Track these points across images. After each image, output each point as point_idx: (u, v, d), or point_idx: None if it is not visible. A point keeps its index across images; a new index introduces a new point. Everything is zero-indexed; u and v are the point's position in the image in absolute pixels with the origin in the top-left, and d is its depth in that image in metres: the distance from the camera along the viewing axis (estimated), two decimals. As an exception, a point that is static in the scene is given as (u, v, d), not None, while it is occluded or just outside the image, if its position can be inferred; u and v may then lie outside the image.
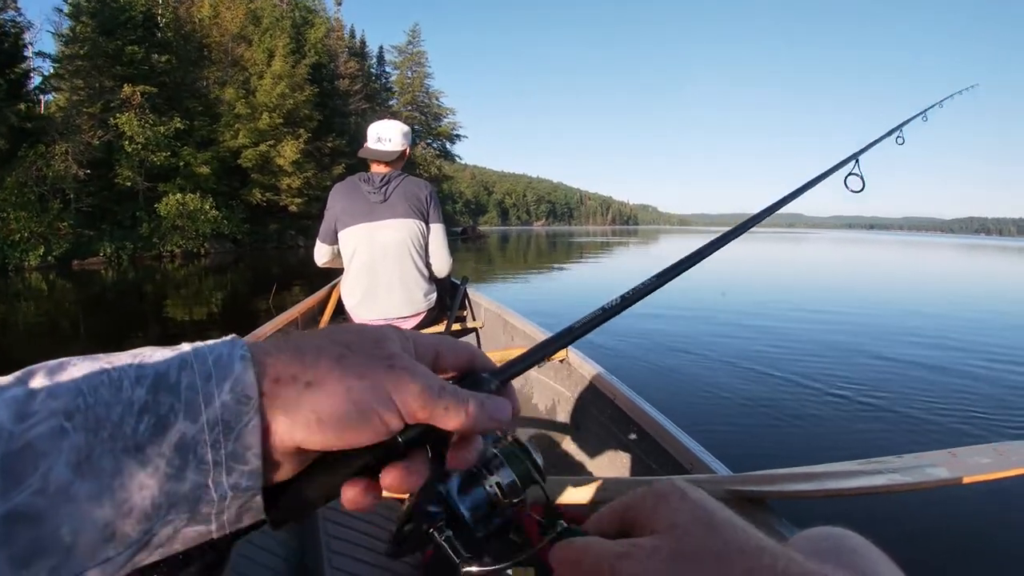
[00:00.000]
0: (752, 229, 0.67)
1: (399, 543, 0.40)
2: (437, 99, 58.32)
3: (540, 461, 0.41)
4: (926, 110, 1.32)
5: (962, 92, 1.60)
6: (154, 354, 0.30)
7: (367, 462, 0.33)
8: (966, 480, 1.14)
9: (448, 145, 58.72)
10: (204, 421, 0.28)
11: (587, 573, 0.32)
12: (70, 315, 10.55)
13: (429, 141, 56.48)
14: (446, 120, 58.37)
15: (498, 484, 0.40)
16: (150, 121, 26.07)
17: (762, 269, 21.64)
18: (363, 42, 54.35)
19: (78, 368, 0.28)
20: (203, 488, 0.28)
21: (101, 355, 0.30)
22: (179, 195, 25.73)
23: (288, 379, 0.30)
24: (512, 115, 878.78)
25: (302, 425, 0.30)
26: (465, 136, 60.83)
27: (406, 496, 0.38)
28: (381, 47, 58.15)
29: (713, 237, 0.58)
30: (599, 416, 2.13)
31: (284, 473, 0.32)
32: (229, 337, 0.32)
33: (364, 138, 2.85)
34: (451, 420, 0.33)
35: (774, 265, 24.81)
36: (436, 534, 0.39)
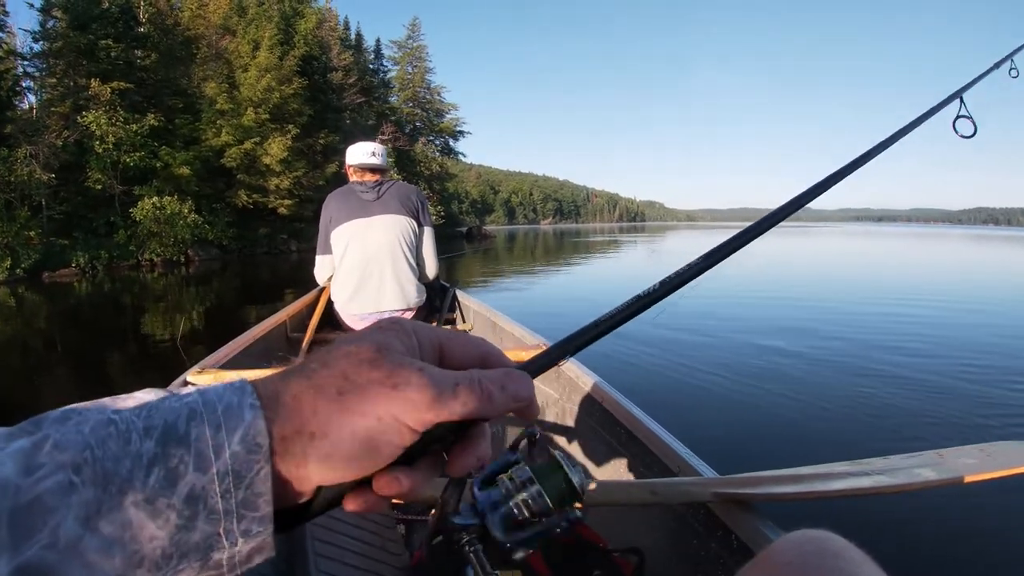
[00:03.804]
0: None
1: (430, 557, 0.41)
2: (439, 95, 56.92)
3: (578, 479, 0.41)
4: None
5: None
6: (161, 402, 0.30)
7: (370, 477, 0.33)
8: (952, 481, 1.13)
9: (451, 142, 57.30)
10: (215, 472, 0.28)
11: None
12: (42, 333, 9.94)
13: (431, 138, 55.02)
14: (448, 116, 56.92)
15: (525, 503, 0.40)
16: (121, 119, 24.28)
17: (753, 267, 21.86)
18: (359, 35, 52.55)
19: (84, 418, 0.28)
20: (214, 537, 0.28)
21: (107, 400, 0.30)
22: (155, 198, 23.84)
23: (293, 435, 0.30)
24: (517, 114, 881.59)
25: (316, 472, 0.31)
26: (469, 132, 59.54)
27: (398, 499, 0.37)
28: (378, 40, 56.71)
29: (735, 226, 0.61)
30: (587, 419, 2.13)
31: (296, 502, 0.33)
32: (238, 382, 0.32)
33: (344, 164, 3.05)
34: (471, 412, 0.33)
35: (764, 263, 24.72)
36: (467, 547, 0.39)
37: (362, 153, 2.91)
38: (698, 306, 9.48)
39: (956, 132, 0.95)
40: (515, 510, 0.39)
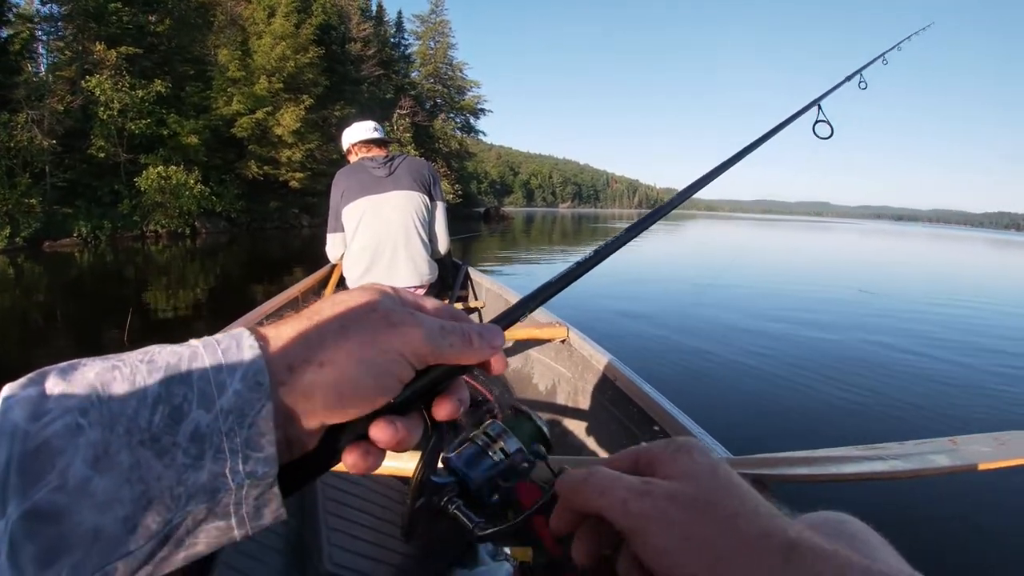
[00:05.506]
0: (780, 216, 0.57)
1: (413, 521, 0.41)
2: (461, 71, 55.57)
3: (544, 425, 0.43)
4: (884, 53, 1.35)
5: (918, 32, 1.61)
6: (163, 350, 0.31)
7: (367, 427, 0.34)
8: (966, 468, 1.13)
9: (472, 120, 56.08)
10: (218, 409, 0.29)
11: (595, 496, 0.33)
12: (42, 304, 9.88)
13: (451, 115, 53.90)
14: (470, 93, 55.61)
15: (503, 451, 0.42)
16: (127, 84, 23.16)
17: (773, 255, 22.47)
18: (380, 6, 50.99)
19: (90, 367, 0.29)
20: (220, 477, 0.28)
21: (111, 355, 0.30)
22: (160, 167, 22.83)
23: (301, 364, 0.31)
24: (539, 96, 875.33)
25: (322, 404, 0.31)
26: (490, 111, 58.19)
27: (405, 474, 0.38)
28: (400, 12, 55.63)
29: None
30: (599, 397, 2.14)
31: (303, 450, 0.33)
32: (237, 329, 0.32)
33: (341, 145, 3.05)
34: (459, 353, 0.35)
35: (786, 251, 25.79)
36: (449, 505, 0.41)
37: (365, 129, 2.91)
38: (715, 291, 9.91)
39: (816, 135, 1.02)
40: (496, 460, 0.40)
